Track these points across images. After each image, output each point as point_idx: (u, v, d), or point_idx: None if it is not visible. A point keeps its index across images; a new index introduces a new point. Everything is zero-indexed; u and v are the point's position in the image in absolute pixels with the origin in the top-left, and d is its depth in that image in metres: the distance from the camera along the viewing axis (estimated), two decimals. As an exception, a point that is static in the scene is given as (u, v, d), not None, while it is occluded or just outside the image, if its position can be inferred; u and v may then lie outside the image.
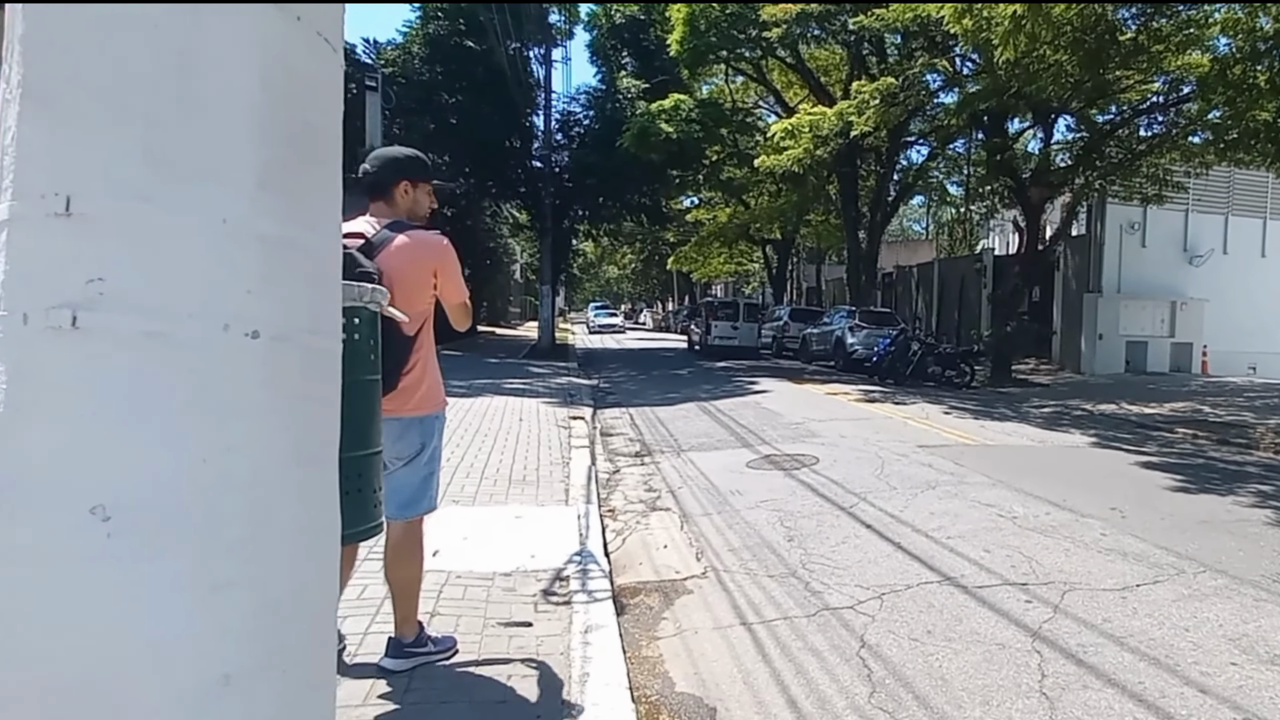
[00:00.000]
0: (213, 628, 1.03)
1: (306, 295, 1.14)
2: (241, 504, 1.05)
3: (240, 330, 1.05)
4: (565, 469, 6.32)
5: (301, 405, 1.14)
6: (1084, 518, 5.32)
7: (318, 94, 1.17)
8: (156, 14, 1.01)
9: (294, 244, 1.12)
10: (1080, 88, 14.17)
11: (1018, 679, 3.01)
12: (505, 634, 3.15)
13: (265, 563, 1.08)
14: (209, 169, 1.03)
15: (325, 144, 1.19)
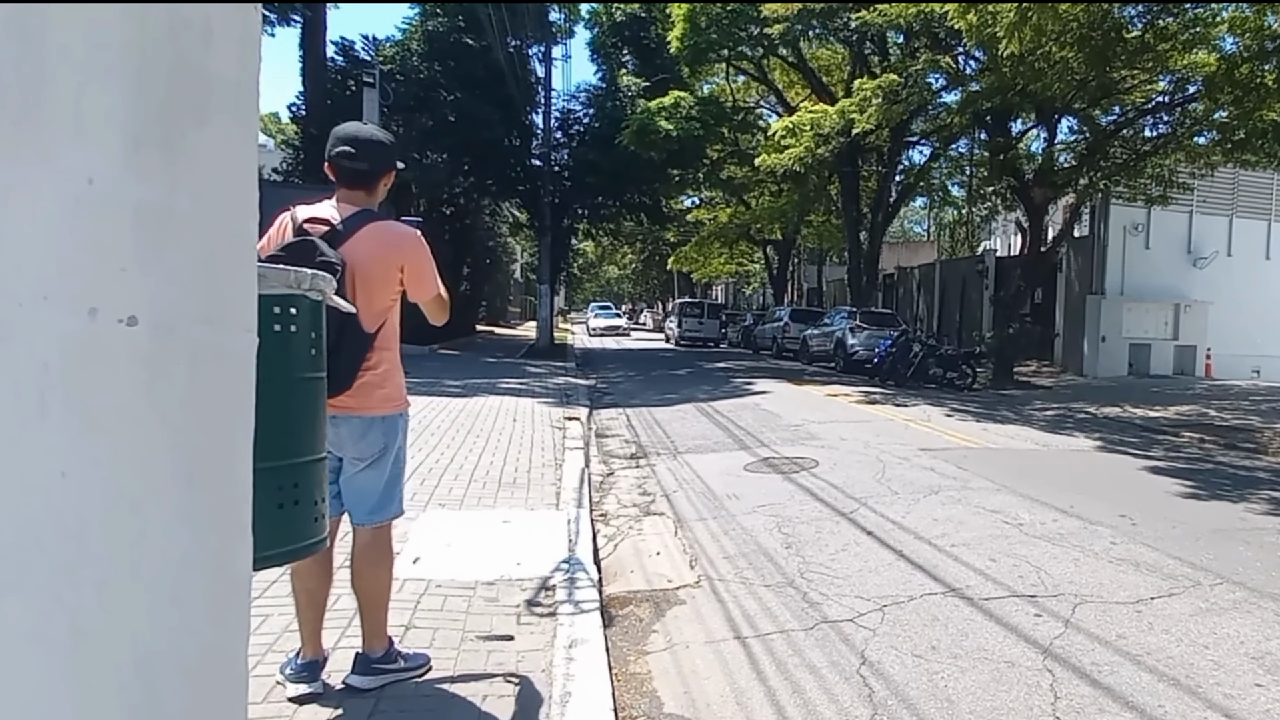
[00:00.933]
0: (73, 688, 0.84)
1: (202, 277, 0.95)
2: (112, 532, 0.86)
3: (112, 316, 0.86)
4: (558, 471, 6.13)
5: (195, 411, 0.94)
6: (1093, 525, 5.13)
7: (215, 39, 0.98)
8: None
9: (184, 215, 0.93)
10: (1085, 86, 13.99)
11: (1029, 701, 2.82)
12: (484, 649, 2.96)
13: (144, 604, 0.89)
14: (71, 120, 0.84)
15: (229, 97, 0.99)
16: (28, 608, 0.82)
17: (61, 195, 0.83)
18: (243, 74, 1.02)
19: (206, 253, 0.96)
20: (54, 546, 0.83)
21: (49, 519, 0.83)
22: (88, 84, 0.86)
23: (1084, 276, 19.17)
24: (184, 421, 0.93)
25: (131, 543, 0.88)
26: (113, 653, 0.87)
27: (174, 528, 0.92)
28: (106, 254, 0.86)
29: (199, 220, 0.95)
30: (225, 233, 0.99)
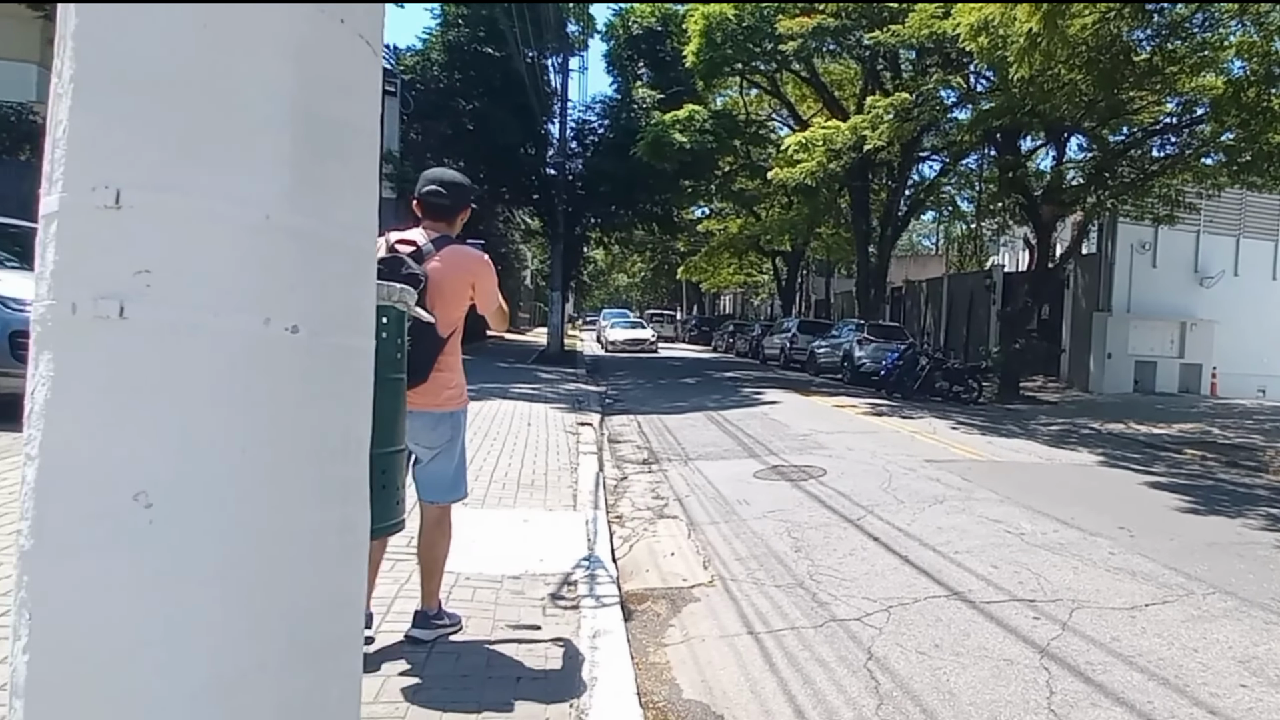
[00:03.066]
0: (246, 614, 1.05)
1: (343, 292, 1.16)
2: (276, 498, 1.07)
3: (281, 325, 1.06)
4: (573, 474, 6.32)
5: (335, 402, 1.15)
6: (1092, 536, 5.29)
7: (356, 93, 1.19)
8: (202, 12, 1.03)
9: (331, 241, 1.13)
10: (1094, 107, 14.17)
11: (1026, 695, 3.00)
12: (514, 637, 3.15)
13: (296, 556, 1.09)
14: (252, 163, 1.05)
15: (364, 141, 1.20)
16: (216, 555, 1.02)
17: (245, 227, 1.04)
18: (370, 122, 1.24)
19: (345, 272, 1.17)
20: (235, 509, 1.03)
21: (232, 486, 1.03)
22: (263, 135, 1.06)
23: (1091, 293, 19.30)
24: (326, 410, 1.14)
25: (288, 506, 1.08)
26: (272, 592, 1.07)
27: (317, 496, 1.12)
28: (277, 274, 1.06)
29: (341, 246, 1.15)
30: (358, 255, 1.20)
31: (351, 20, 1.17)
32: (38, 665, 1.02)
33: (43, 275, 1.05)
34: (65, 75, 1.05)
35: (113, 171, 1.02)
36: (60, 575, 1.02)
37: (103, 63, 1.03)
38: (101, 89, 1.03)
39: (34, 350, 1.05)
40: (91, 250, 1.02)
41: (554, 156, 23.14)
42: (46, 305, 1.04)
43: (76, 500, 1.01)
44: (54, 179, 1.05)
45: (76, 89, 1.04)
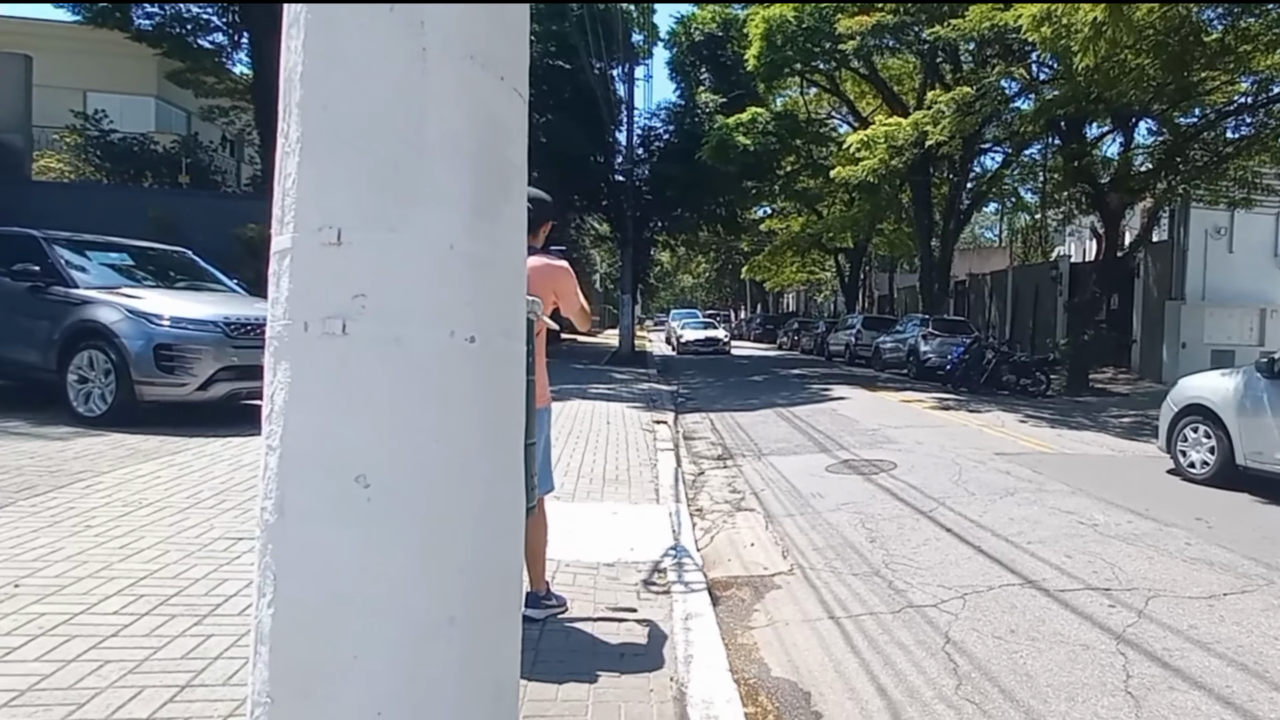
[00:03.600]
0: (441, 578, 1.26)
1: (505, 306, 1.37)
2: (461, 479, 1.28)
3: (462, 336, 1.27)
4: (653, 470, 6.51)
5: (501, 398, 1.36)
6: (1167, 527, 5.20)
7: (513, 138, 1.40)
8: (399, 79, 1.24)
9: (496, 264, 1.34)
10: (1163, 90, 13.59)
11: (1102, 678, 3.04)
12: (614, 617, 3.35)
13: (476, 528, 1.31)
14: (439, 203, 1.26)
15: (518, 178, 1.41)
16: (417, 527, 1.24)
17: (435, 255, 1.25)
18: (522, 159, 1.44)
19: (507, 289, 1.38)
20: (430, 488, 1.25)
21: (428, 470, 1.24)
22: (450, 179, 1.27)
23: (1163, 281, 18.51)
24: (494, 404, 1.34)
25: (471, 486, 1.29)
26: (460, 558, 1.28)
27: (493, 477, 1.33)
28: (459, 293, 1.27)
29: (504, 266, 1.36)
30: (516, 275, 1.41)
31: (509, 77, 1.38)
32: (281, 617, 1.25)
33: (277, 300, 1.28)
34: (292, 136, 1.28)
35: (334, 214, 1.24)
36: (298, 543, 1.25)
37: (323, 127, 1.25)
38: (323, 148, 1.25)
39: (270, 361, 1.29)
40: (319, 279, 1.24)
41: (621, 163, 23.46)
42: (283, 325, 1.27)
43: (310, 482, 1.24)
44: (284, 221, 1.28)
45: (303, 148, 1.26)
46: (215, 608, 3.09)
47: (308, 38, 1.27)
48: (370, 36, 1.25)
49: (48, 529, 3.89)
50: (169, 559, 3.58)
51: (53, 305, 6.75)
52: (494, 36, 1.35)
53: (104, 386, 6.51)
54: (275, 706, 1.26)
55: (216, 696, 2.44)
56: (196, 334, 6.58)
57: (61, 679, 2.48)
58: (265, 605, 1.27)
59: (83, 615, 2.94)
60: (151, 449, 5.76)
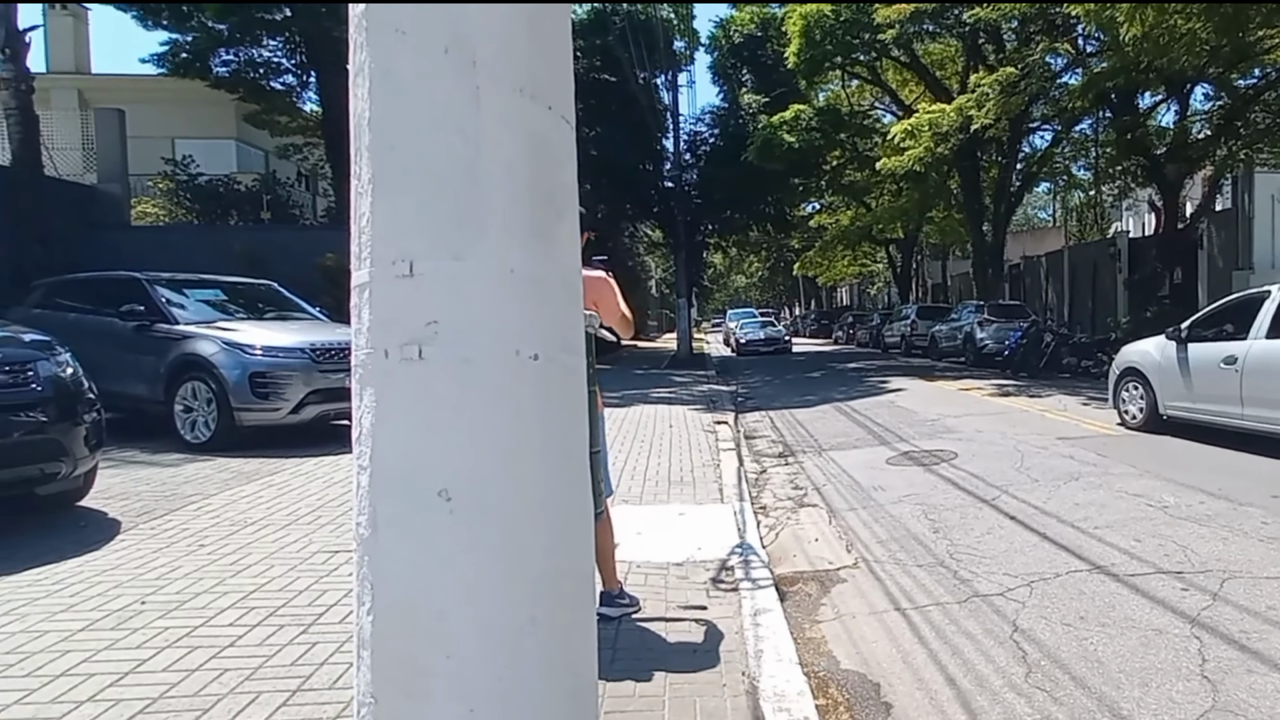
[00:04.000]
0: (520, 581, 1.34)
1: (564, 323, 1.44)
2: (534, 488, 1.36)
3: (527, 354, 1.35)
4: (717, 470, 6.55)
5: (565, 410, 1.43)
6: (1243, 506, 4.98)
7: (563, 162, 1.47)
8: (456, 116, 1.32)
9: (554, 283, 1.41)
10: (1218, 53, 12.89)
11: (1176, 663, 2.96)
12: (685, 615, 3.41)
13: (549, 533, 1.38)
14: (498, 230, 1.33)
15: (570, 199, 1.48)
16: (497, 535, 1.31)
17: (496, 278, 1.32)
18: (573, 181, 1.51)
19: (565, 306, 1.44)
20: (507, 499, 1.32)
21: (504, 482, 1.32)
22: (509, 207, 1.35)
23: (1228, 252, 17.52)
24: (560, 415, 1.41)
25: (541, 493, 1.36)
26: (538, 563, 1.36)
27: (560, 486, 1.40)
28: (522, 314, 1.34)
29: (562, 285, 1.43)
30: (572, 291, 1.48)
31: (556, 105, 1.45)
32: (380, 623, 1.35)
33: (359, 330, 1.38)
34: (364, 178, 1.37)
35: (405, 248, 1.32)
36: (390, 554, 1.34)
37: (391, 167, 1.34)
38: (392, 186, 1.34)
39: (357, 387, 1.38)
40: (395, 309, 1.33)
41: (670, 170, 23.52)
42: (366, 353, 1.36)
43: (398, 498, 1.33)
44: (362, 257, 1.38)
45: (374, 187, 1.35)
46: (319, 616, 3.27)
47: (372, 85, 1.36)
48: (427, 79, 1.33)
49: (166, 549, 4.17)
50: (275, 573, 3.80)
51: (157, 341, 7.19)
52: (540, 69, 1.42)
53: (207, 414, 6.91)
54: (379, 706, 1.36)
55: (324, 699, 2.60)
56: (287, 361, 6.92)
57: (187, 687, 2.67)
58: (365, 613, 1.37)
59: (202, 628, 3.16)
60: (252, 471, 6.09)
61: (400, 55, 1.33)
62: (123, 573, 3.78)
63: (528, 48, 1.39)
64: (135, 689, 2.64)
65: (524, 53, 1.39)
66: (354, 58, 1.39)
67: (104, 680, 2.69)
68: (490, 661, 1.34)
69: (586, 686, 1.52)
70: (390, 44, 1.34)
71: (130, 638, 3.04)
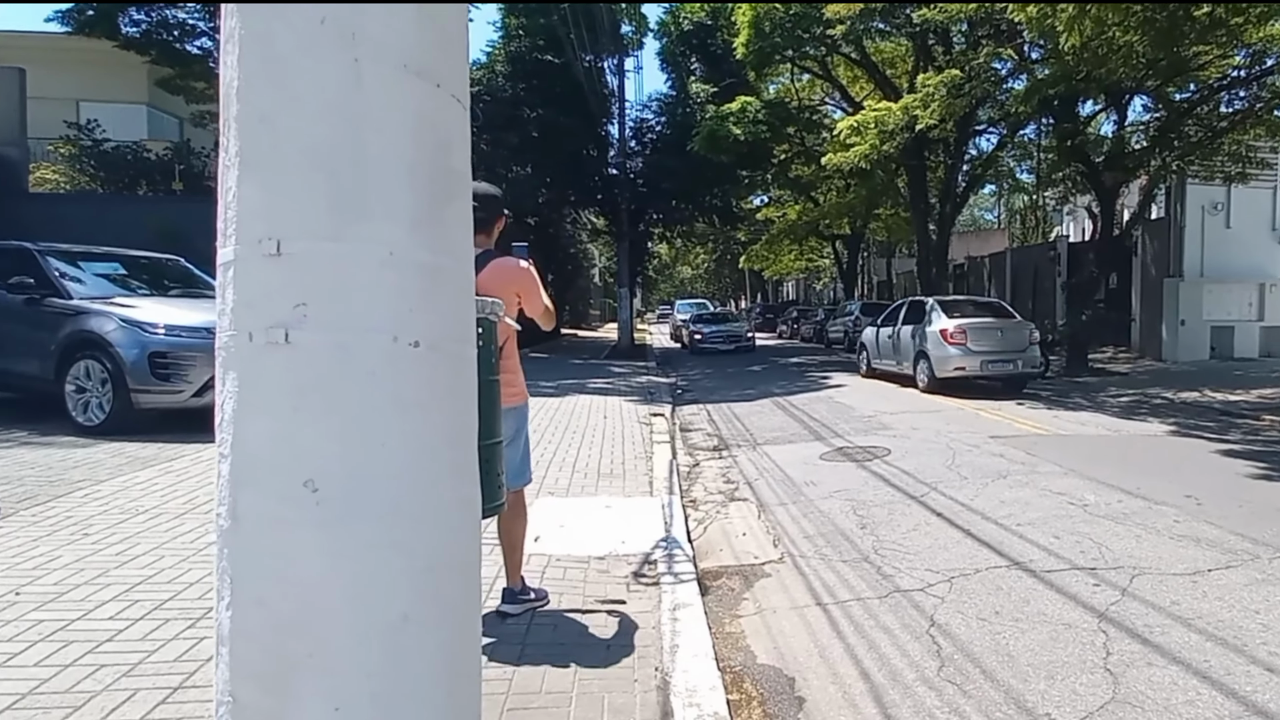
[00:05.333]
0: (394, 577, 1.29)
1: (452, 310, 1.39)
2: (411, 480, 1.31)
3: (406, 341, 1.30)
4: (649, 462, 6.56)
5: (450, 399, 1.39)
6: (1157, 505, 5.23)
7: (453, 144, 1.42)
8: (334, 90, 1.27)
9: (441, 269, 1.37)
10: (1154, 66, 13.49)
11: (1083, 656, 3.08)
12: (602, 609, 3.40)
13: (429, 527, 1.34)
14: (378, 211, 1.28)
15: (460, 183, 1.44)
16: (368, 528, 1.27)
17: (377, 264, 1.28)
18: (464, 165, 1.47)
19: (455, 293, 1.40)
20: (381, 490, 1.28)
21: (377, 473, 1.27)
22: (390, 189, 1.30)
23: (1161, 259, 18.46)
24: (447, 405, 1.37)
25: (424, 486, 1.32)
26: (414, 557, 1.31)
27: (443, 478, 1.36)
28: (403, 300, 1.30)
29: (450, 272, 1.39)
30: (462, 279, 1.44)
31: (446, 84, 1.40)
32: (239, 619, 1.29)
33: (224, 311, 1.31)
34: (231, 151, 1.30)
35: (274, 227, 1.26)
36: (252, 547, 1.28)
37: (261, 140, 1.28)
38: (262, 162, 1.28)
39: (220, 371, 1.32)
40: (261, 290, 1.27)
41: (615, 157, 23.43)
42: (229, 335, 1.30)
43: (261, 488, 1.27)
44: (227, 234, 1.31)
45: (242, 162, 1.29)
46: (208, 611, 3.14)
47: (243, 52, 1.29)
48: (304, 49, 1.27)
49: (47, 538, 3.95)
50: (164, 564, 3.64)
51: (49, 317, 6.81)
52: (428, 45, 1.37)
53: (101, 395, 6.58)
54: (237, 705, 1.30)
55: (208, 698, 2.49)
56: (190, 341, 6.63)
57: (59, 683, 2.53)
58: (224, 608, 1.30)
59: (80, 621, 3.00)
60: (149, 456, 5.82)
61: (273, 23, 1.27)
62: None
63: (414, 21, 1.34)
64: (2, 684, 2.48)
65: (410, 26, 1.34)
66: (224, 23, 1.32)
67: (-42, 679, 2.53)
68: (359, 660, 1.29)
69: (468, 685, 1.48)
70: (264, 11, 1.27)
71: (1, 630, 2.87)
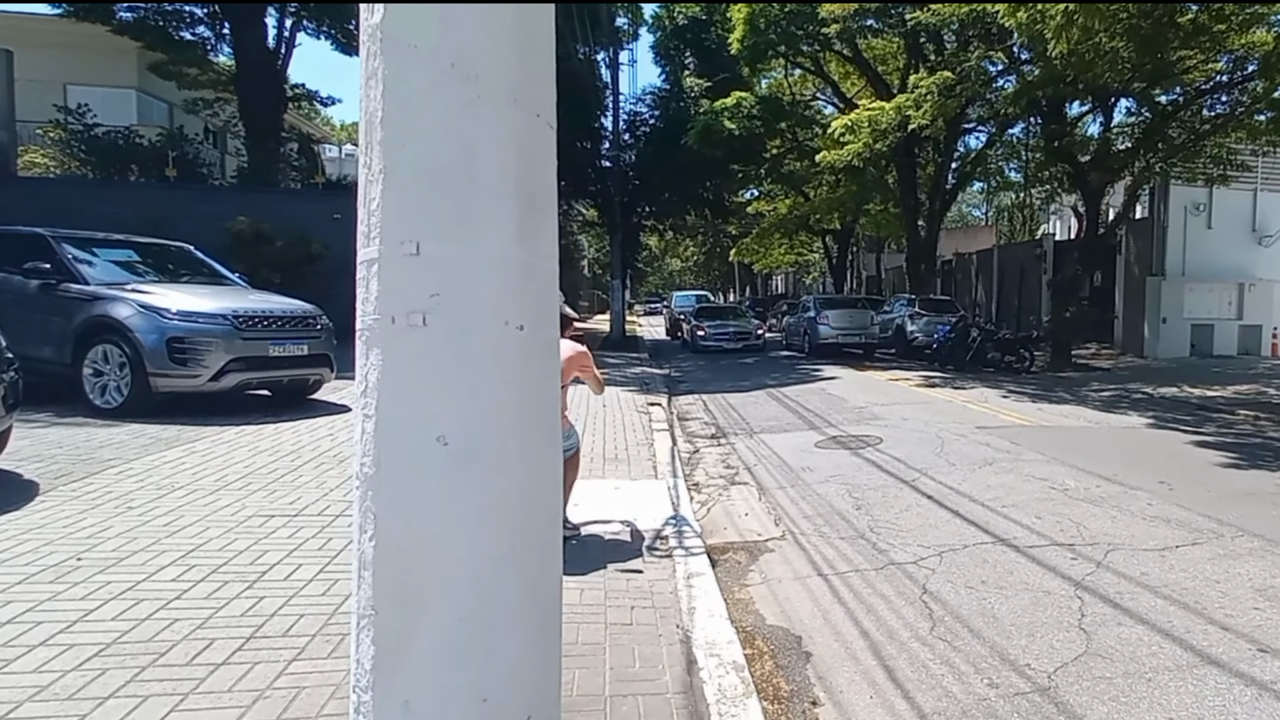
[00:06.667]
0: (501, 516, 1.62)
1: (543, 300, 1.72)
2: (514, 437, 1.64)
3: (513, 325, 1.62)
4: (650, 449, 6.89)
5: (541, 372, 1.71)
6: (1132, 490, 5.64)
7: (546, 163, 1.74)
8: (458, 121, 1.58)
9: (535, 266, 1.69)
10: (1140, 71, 13.97)
11: (1060, 617, 3.46)
12: (623, 577, 3.73)
13: (527, 477, 1.66)
14: (489, 219, 1.60)
15: (550, 196, 1.76)
16: (484, 476, 1.59)
17: (489, 261, 1.60)
18: (552, 180, 1.78)
19: (545, 286, 1.72)
20: (493, 445, 1.60)
21: (491, 431, 1.60)
22: (500, 200, 1.62)
23: (1144, 258, 19.00)
24: (538, 378, 1.69)
25: (520, 442, 1.64)
26: (516, 500, 1.64)
27: (537, 437, 1.68)
28: (510, 292, 1.62)
29: (542, 270, 1.71)
30: (550, 275, 1.76)
31: (543, 114, 1.73)
32: (381, 548, 1.60)
33: (367, 299, 1.62)
34: (375, 168, 1.61)
35: (411, 231, 1.58)
36: (392, 490, 1.60)
37: (401, 162, 1.59)
38: (401, 179, 1.59)
39: (362, 348, 1.63)
40: (401, 282, 1.59)
41: (608, 149, 23.68)
42: (373, 319, 1.61)
43: (399, 442, 1.59)
44: (370, 236, 1.62)
45: (385, 178, 1.60)
46: (263, 574, 3.45)
47: (385, 90, 1.60)
48: (435, 88, 1.58)
49: (91, 511, 4.23)
50: (211, 534, 3.93)
51: (65, 302, 7.03)
52: (529, 81, 1.69)
53: (119, 379, 6.82)
54: (379, 617, 1.62)
55: (279, 645, 2.80)
56: (207, 327, 6.88)
57: (140, 634, 2.83)
58: (367, 539, 1.62)
59: (145, 583, 3.29)
60: (171, 438, 6.08)
61: (412, 66, 1.58)
62: (50, 531, 3.84)
63: (519, 63, 1.67)
64: (86, 635, 2.78)
65: (516, 67, 1.66)
66: (366, 63, 1.63)
67: (52, 628, 2.82)
68: (475, 581, 1.61)
69: (553, 607, 1.81)
70: (403, 55, 1.59)
71: (72, 590, 3.16)
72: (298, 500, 4.59)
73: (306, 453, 5.82)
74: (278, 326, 7.41)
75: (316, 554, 3.73)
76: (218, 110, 19.28)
